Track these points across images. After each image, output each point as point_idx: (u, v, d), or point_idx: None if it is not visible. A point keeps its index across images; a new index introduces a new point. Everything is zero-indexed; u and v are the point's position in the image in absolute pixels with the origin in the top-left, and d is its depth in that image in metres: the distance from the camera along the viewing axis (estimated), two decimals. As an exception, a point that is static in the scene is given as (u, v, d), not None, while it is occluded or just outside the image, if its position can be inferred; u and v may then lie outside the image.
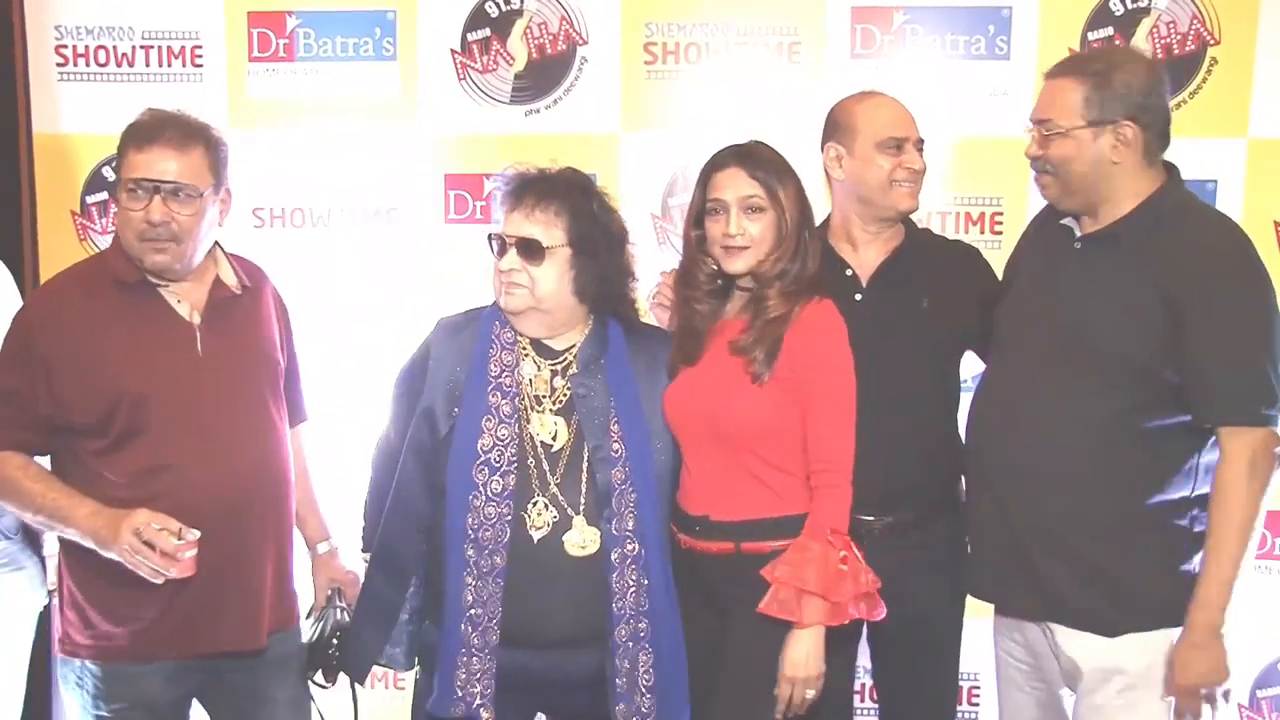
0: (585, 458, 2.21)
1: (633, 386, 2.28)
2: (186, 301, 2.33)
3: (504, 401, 2.21)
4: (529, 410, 2.23)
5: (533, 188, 2.24)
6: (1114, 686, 2.24)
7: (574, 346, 2.29)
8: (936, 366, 2.48)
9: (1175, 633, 2.21)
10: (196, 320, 2.32)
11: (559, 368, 2.27)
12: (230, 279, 2.41)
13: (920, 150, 2.47)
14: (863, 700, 3.10)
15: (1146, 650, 2.23)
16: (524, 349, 2.27)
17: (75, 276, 2.41)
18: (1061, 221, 2.37)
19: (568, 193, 2.24)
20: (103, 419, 2.23)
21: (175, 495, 2.22)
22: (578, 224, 2.23)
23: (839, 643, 2.49)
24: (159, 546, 2.12)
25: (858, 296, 2.45)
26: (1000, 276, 2.55)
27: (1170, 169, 2.31)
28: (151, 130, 2.27)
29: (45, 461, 2.34)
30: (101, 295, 2.29)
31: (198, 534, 2.15)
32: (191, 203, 2.26)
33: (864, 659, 2.65)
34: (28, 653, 2.75)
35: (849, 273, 2.48)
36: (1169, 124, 2.27)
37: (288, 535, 2.48)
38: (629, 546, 2.19)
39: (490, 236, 2.29)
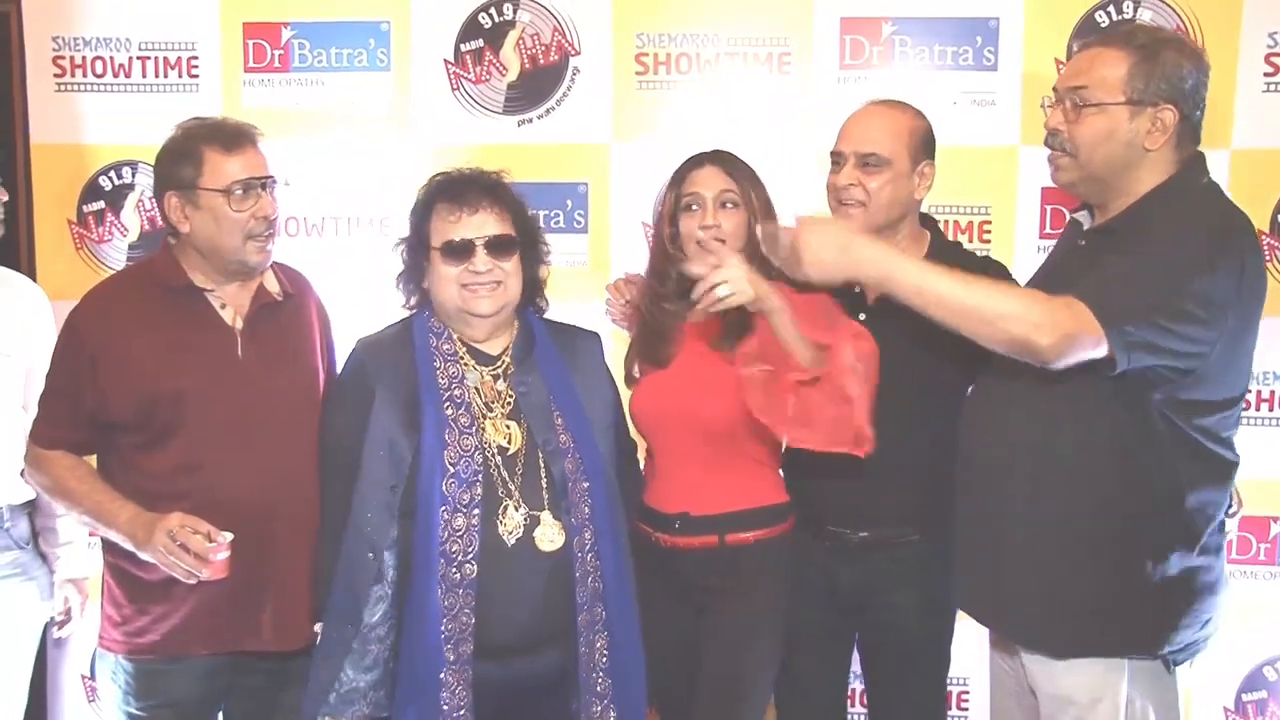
0: (539, 455, 2.22)
1: (567, 378, 2.30)
2: (231, 306, 2.40)
3: (460, 413, 2.20)
4: (482, 417, 2.23)
5: (477, 188, 2.25)
6: (1067, 716, 2.18)
7: (507, 348, 2.30)
8: (935, 393, 2.42)
9: (1123, 664, 2.12)
10: (239, 325, 2.38)
11: (500, 370, 2.28)
12: (273, 285, 2.47)
13: (869, 165, 2.38)
14: (860, 705, 3.11)
15: (1096, 682, 2.13)
16: (464, 358, 2.26)
17: (123, 280, 2.55)
18: (1075, 215, 2.28)
19: (507, 189, 2.28)
20: (141, 416, 2.30)
21: (207, 493, 2.28)
22: (519, 218, 2.27)
23: (832, 649, 2.54)
24: (191, 548, 2.17)
25: (861, 316, 2.42)
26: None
27: (1191, 161, 2.09)
28: (235, 134, 2.37)
29: (92, 460, 2.42)
30: (148, 298, 2.38)
31: (230, 536, 2.20)
32: (276, 197, 2.39)
33: (856, 664, 2.67)
34: (31, 661, 2.78)
35: (856, 289, 2.42)
36: (1202, 120, 2.08)
37: None
38: (586, 534, 2.21)
39: (444, 244, 2.22)
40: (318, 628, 2.23)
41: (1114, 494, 2.10)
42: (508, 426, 2.23)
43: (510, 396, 2.25)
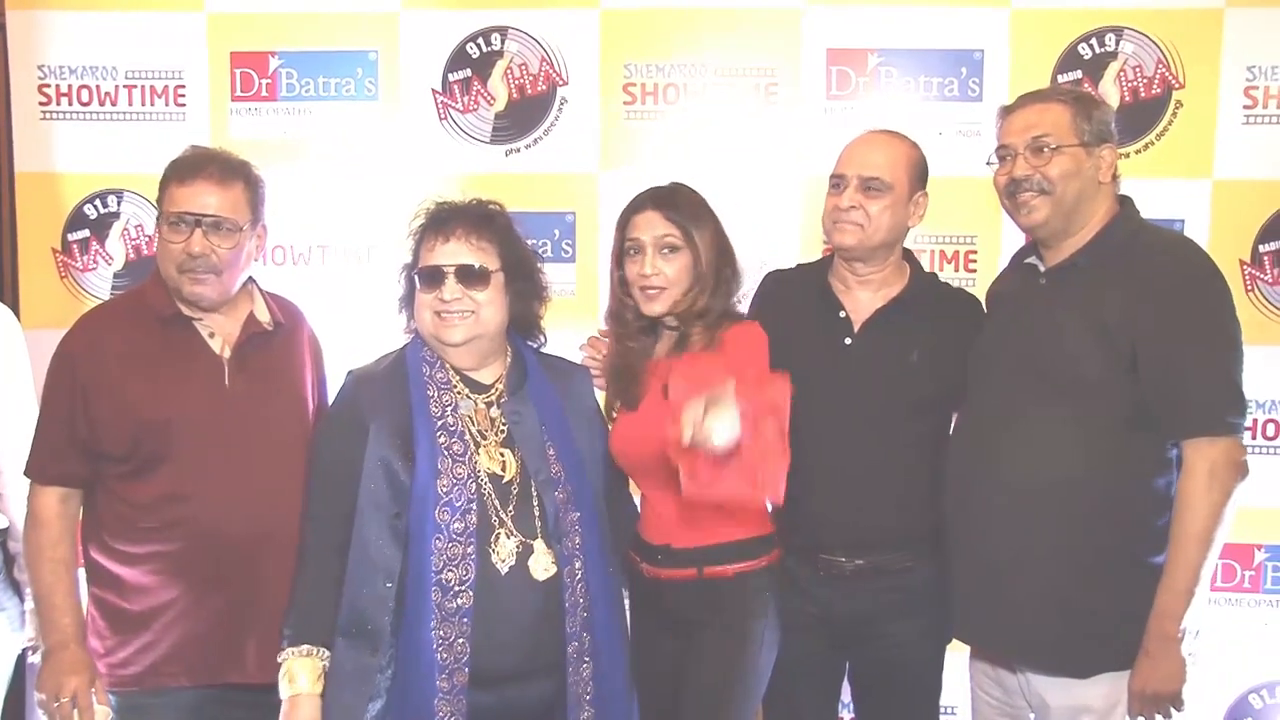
0: (532, 484, 2.22)
1: (559, 409, 2.30)
2: (219, 336, 2.38)
3: (453, 440, 2.19)
4: (476, 446, 2.23)
5: (460, 217, 2.25)
6: None
7: (500, 377, 2.30)
8: (919, 418, 2.44)
9: None
10: (227, 354, 2.37)
11: (493, 399, 2.28)
12: (264, 315, 2.45)
13: (871, 188, 2.40)
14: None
15: (1115, 690, 2.24)
16: (457, 386, 2.26)
17: (115, 307, 2.52)
18: (1026, 261, 2.41)
19: (493, 220, 2.27)
20: (128, 446, 2.28)
21: (192, 524, 2.27)
22: (507, 250, 2.26)
23: (823, 679, 2.53)
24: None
25: (847, 340, 2.45)
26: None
27: (1124, 199, 2.35)
28: (194, 166, 2.34)
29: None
30: (138, 327, 2.36)
31: (109, 715, 2.29)
32: (231, 236, 2.32)
33: (846, 694, 2.66)
34: (3, 693, 2.73)
35: (841, 315, 2.47)
36: None
37: None
38: (577, 563, 2.20)
39: (418, 270, 2.25)
40: (280, 658, 2.18)
41: (1128, 515, 2.22)
42: (502, 454, 2.23)
43: (504, 425, 2.25)
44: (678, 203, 2.37)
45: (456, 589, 2.12)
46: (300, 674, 2.15)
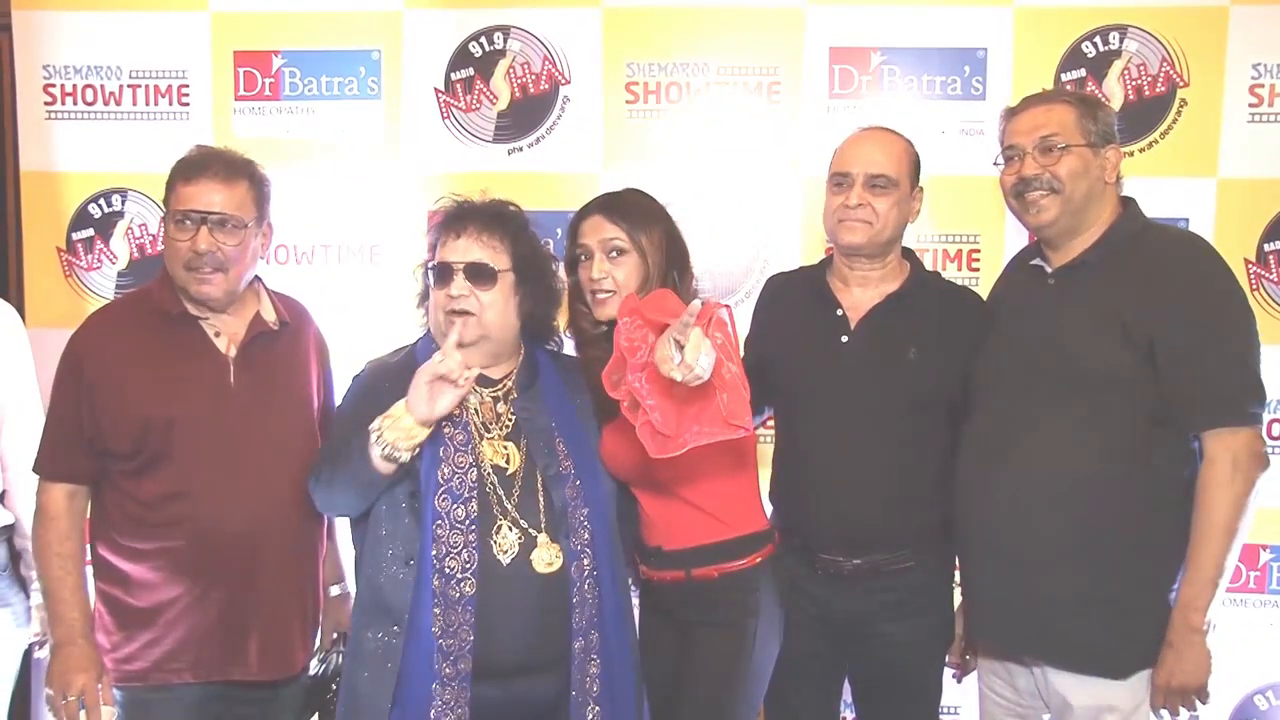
0: (538, 478, 2.23)
1: (570, 408, 2.32)
2: (225, 335, 2.39)
3: (456, 431, 2.22)
4: (479, 438, 2.24)
5: (473, 215, 2.26)
6: None
7: (510, 374, 2.32)
8: (918, 416, 2.42)
9: None
10: (232, 353, 2.38)
11: (500, 394, 2.29)
12: (269, 315, 2.46)
13: (878, 186, 2.41)
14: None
15: (1140, 687, 2.23)
16: None
17: (122, 306, 2.55)
18: (1031, 263, 2.40)
19: (507, 220, 2.28)
20: (133, 444, 2.30)
21: (194, 521, 2.29)
22: (519, 250, 2.26)
23: (824, 679, 2.53)
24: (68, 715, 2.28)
25: (844, 338, 2.45)
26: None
27: (1128, 200, 2.36)
28: (199, 164, 2.36)
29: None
30: (144, 325, 2.37)
31: (115, 714, 2.30)
32: (236, 233, 2.34)
33: (847, 694, 2.66)
34: (10, 689, 2.75)
35: (839, 313, 2.47)
36: None
37: (314, 571, 2.51)
38: (585, 560, 2.22)
39: (430, 266, 2.28)
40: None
41: (1155, 511, 2.22)
42: (505, 447, 2.25)
43: (510, 419, 2.27)
44: (623, 207, 2.38)
45: (459, 577, 2.14)
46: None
